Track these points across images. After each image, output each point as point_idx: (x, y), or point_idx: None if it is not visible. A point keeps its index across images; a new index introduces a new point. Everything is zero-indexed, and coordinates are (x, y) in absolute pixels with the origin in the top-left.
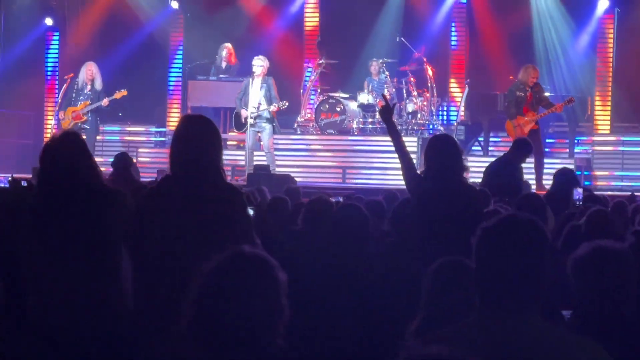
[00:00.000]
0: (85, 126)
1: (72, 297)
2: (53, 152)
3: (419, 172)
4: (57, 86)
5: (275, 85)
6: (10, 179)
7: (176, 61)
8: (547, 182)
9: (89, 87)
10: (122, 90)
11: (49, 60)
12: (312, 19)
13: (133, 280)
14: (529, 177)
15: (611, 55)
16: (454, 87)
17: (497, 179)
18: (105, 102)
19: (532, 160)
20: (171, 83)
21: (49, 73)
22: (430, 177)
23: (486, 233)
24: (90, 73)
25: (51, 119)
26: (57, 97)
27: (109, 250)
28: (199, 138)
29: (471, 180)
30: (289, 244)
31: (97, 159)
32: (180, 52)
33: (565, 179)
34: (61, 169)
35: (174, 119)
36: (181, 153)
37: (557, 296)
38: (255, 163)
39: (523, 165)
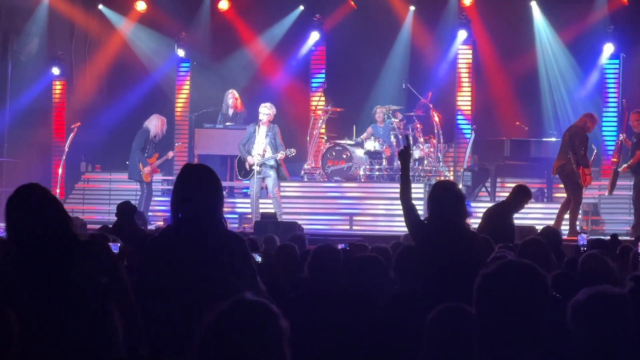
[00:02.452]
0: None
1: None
2: (19, 203)
3: (422, 218)
4: (64, 135)
5: (280, 133)
6: None
7: (182, 109)
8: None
9: (156, 139)
10: (180, 143)
11: (56, 109)
12: (318, 67)
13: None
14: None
15: (618, 99)
16: (460, 133)
17: (493, 223)
18: (170, 154)
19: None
20: (177, 131)
21: (56, 122)
22: (433, 223)
23: (486, 279)
24: (162, 126)
25: (59, 169)
26: (65, 146)
27: (91, 303)
28: (199, 187)
29: (477, 226)
30: (295, 291)
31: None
32: (187, 99)
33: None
34: (29, 221)
35: (180, 167)
36: (182, 202)
37: (557, 343)
38: (262, 211)
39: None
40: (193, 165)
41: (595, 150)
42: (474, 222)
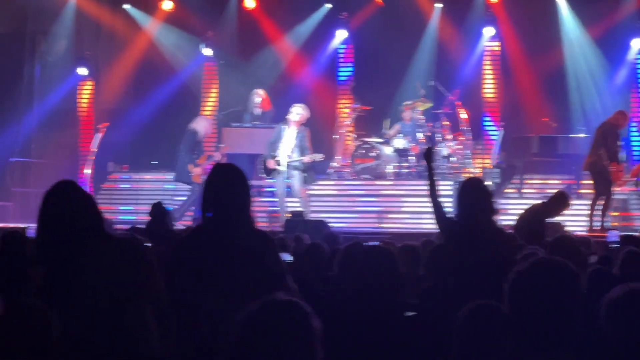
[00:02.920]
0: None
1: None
2: (55, 199)
3: (451, 215)
4: (92, 136)
5: (309, 137)
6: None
7: (210, 108)
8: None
9: (201, 140)
10: (225, 145)
11: (83, 109)
12: (345, 65)
13: (173, 331)
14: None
15: None
16: (488, 130)
17: (530, 222)
18: (218, 155)
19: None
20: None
21: (83, 123)
22: (461, 220)
23: (519, 277)
24: (209, 127)
25: (88, 169)
26: (93, 147)
27: (121, 298)
28: (228, 187)
29: (505, 223)
30: (325, 290)
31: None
32: (214, 99)
33: None
34: (65, 218)
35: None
36: (212, 202)
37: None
38: (290, 209)
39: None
40: (223, 165)
41: (623, 147)
42: (503, 219)
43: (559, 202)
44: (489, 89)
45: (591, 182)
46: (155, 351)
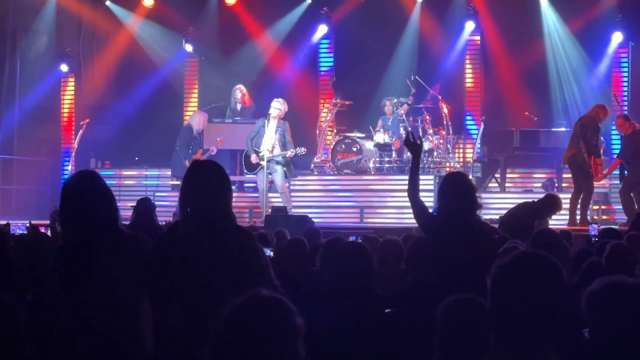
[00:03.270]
0: None
1: (93, 341)
2: (75, 191)
3: (431, 210)
4: (73, 132)
5: (290, 130)
6: (28, 225)
7: (191, 104)
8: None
9: (197, 135)
10: (221, 138)
11: (65, 106)
12: (326, 60)
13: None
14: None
15: (626, 88)
16: (469, 124)
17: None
18: (214, 150)
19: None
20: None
21: (65, 119)
22: (444, 214)
23: (501, 271)
24: (204, 122)
25: (68, 166)
26: (74, 143)
27: (129, 295)
28: (208, 183)
29: (487, 217)
30: (307, 285)
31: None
32: (195, 94)
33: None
34: (83, 210)
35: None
36: (191, 199)
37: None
38: (271, 204)
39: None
40: (202, 161)
41: (603, 141)
42: (485, 213)
43: (550, 206)
44: (470, 83)
45: (571, 175)
46: (148, 351)
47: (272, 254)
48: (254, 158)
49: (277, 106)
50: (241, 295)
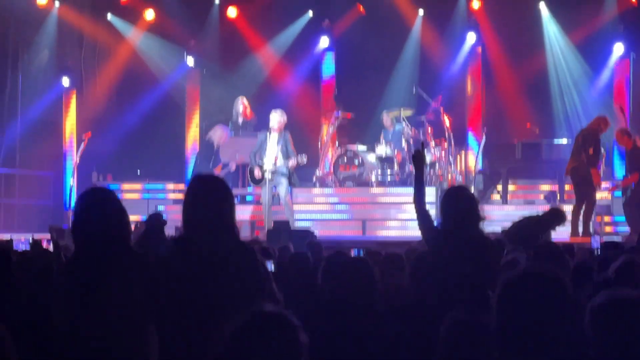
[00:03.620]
0: None
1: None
2: (87, 206)
3: (435, 223)
4: (75, 146)
5: (292, 140)
6: (31, 241)
7: (193, 117)
8: None
9: (217, 149)
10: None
11: (67, 120)
12: (328, 72)
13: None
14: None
15: (628, 100)
16: (471, 136)
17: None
18: (233, 166)
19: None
20: (189, 140)
21: (67, 133)
22: (447, 228)
23: (507, 287)
24: (226, 136)
25: (71, 179)
26: (76, 157)
27: (135, 315)
28: (210, 198)
29: (489, 229)
30: (310, 299)
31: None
32: (197, 108)
33: None
34: (94, 225)
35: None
36: (193, 214)
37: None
38: (274, 218)
39: None
40: (204, 175)
41: (604, 152)
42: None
43: (555, 219)
44: (471, 94)
45: (573, 187)
46: None
47: (273, 268)
48: (257, 172)
49: (276, 118)
50: (246, 311)
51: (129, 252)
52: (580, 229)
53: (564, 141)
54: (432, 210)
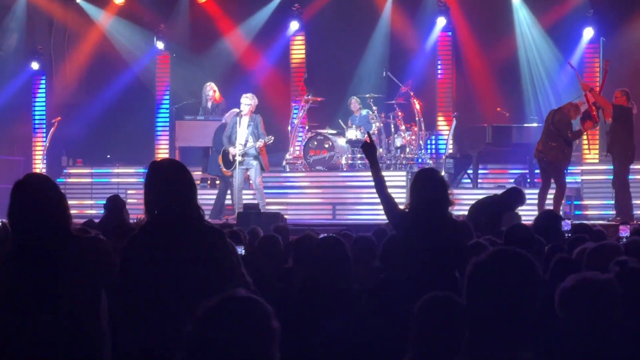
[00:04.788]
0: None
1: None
2: (25, 194)
3: (402, 207)
4: (45, 130)
5: (263, 123)
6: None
7: (163, 102)
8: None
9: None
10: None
11: (37, 104)
12: (298, 56)
13: (124, 330)
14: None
15: (598, 84)
16: (441, 120)
17: (479, 215)
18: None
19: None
20: (159, 124)
21: (36, 117)
22: (415, 211)
23: (478, 267)
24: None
25: (39, 163)
26: (46, 141)
27: (85, 300)
28: (170, 182)
29: (460, 213)
30: (280, 282)
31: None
32: (167, 92)
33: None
34: (33, 213)
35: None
36: (155, 199)
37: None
38: (244, 202)
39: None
40: (160, 161)
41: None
42: (458, 209)
43: (513, 198)
44: (442, 79)
45: (540, 171)
46: (106, 354)
47: (243, 252)
48: (232, 150)
49: (247, 102)
50: (216, 295)
51: (71, 238)
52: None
53: (534, 125)
54: (403, 194)
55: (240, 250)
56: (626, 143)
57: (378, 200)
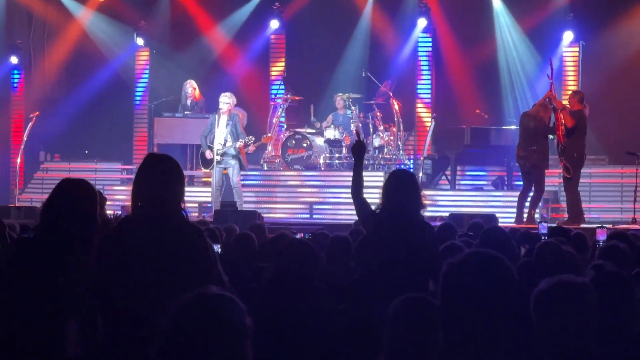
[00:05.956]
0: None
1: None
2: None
3: (373, 207)
4: (23, 124)
5: (242, 121)
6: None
7: (142, 98)
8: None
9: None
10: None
11: (15, 98)
12: (278, 55)
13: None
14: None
15: (576, 86)
16: (420, 121)
17: None
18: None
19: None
20: (137, 120)
21: (14, 112)
22: (386, 212)
23: (452, 269)
24: (244, 119)
25: (17, 158)
26: (24, 136)
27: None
28: (163, 178)
29: (438, 214)
30: (255, 281)
31: None
32: (146, 89)
33: None
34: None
35: (140, 156)
36: (143, 193)
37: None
38: (222, 199)
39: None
40: (156, 155)
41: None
42: (435, 210)
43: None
44: (421, 80)
45: (521, 174)
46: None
47: (220, 249)
48: (208, 154)
49: (225, 101)
50: (189, 293)
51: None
52: (525, 216)
53: (512, 127)
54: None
55: (217, 248)
56: (580, 147)
57: None
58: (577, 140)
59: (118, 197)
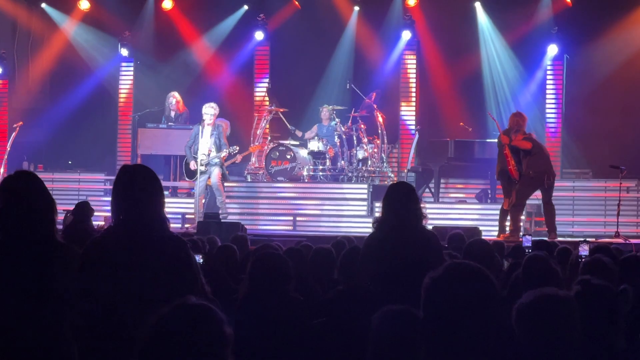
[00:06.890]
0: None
1: (11, 350)
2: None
3: (371, 220)
4: (6, 135)
5: (225, 131)
6: None
7: (126, 109)
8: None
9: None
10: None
11: None
12: (262, 66)
13: (81, 334)
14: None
15: (561, 100)
16: (404, 134)
17: None
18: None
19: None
20: (121, 131)
21: None
22: (388, 224)
23: (434, 282)
24: (227, 130)
25: (1, 168)
26: (7, 146)
27: (52, 305)
28: (140, 188)
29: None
30: (235, 292)
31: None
32: (129, 99)
33: None
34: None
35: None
36: (123, 204)
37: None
38: (205, 211)
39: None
40: (132, 166)
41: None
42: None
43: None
44: (405, 92)
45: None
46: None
47: (202, 260)
48: (192, 165)
49: (209, 112)
50: (169, 303)
51: (51, 243)
52: (508, 229)
53: (496, 140)
54: (364, 207)
55: (199, 259)
56: (537, 166)
57: (338, 213)
58: (540, 160)
59: (101, 207)
